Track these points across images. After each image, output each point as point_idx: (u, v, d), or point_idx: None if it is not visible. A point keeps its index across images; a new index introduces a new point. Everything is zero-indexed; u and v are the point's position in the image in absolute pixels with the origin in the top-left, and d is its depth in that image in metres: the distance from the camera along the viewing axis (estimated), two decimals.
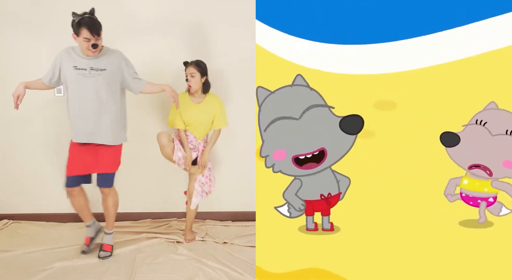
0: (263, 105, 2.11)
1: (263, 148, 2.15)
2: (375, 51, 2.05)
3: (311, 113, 2.11)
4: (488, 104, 2.04)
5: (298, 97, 2.10)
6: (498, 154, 2.08)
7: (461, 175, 2.12)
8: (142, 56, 3.41)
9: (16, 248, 3.08)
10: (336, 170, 2.16)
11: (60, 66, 2.83)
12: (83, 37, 2.66)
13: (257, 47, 2.08)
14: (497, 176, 2.11)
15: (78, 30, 2.66)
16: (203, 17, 3.52)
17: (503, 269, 2.16)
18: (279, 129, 2.13)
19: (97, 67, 2.78)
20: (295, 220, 2.22)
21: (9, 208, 3.69)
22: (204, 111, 3.13)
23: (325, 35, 2.06)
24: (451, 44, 2.02)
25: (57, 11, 3.42)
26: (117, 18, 3.46)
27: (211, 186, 3.28)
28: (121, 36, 3.43)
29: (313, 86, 2.09)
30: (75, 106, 2.82)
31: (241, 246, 3.19)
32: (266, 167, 2.16)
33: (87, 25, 2.65)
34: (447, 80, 2.05)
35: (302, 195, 2.19)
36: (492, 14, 1.98)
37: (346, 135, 2.12)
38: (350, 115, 2.11)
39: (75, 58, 2.80)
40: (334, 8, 2.04)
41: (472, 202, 2.14)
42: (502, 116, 2.05)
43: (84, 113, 2.81)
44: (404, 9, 2.01)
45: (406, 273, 2.20)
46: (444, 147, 2.10)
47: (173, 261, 2.92)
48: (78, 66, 2.78)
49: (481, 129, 2.05)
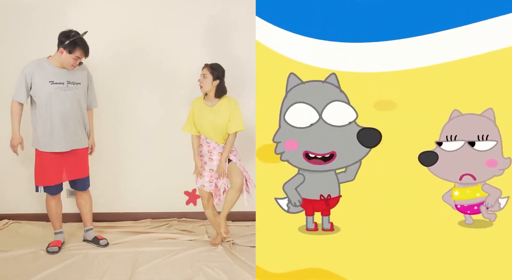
0: (290, 92, 2.11)
1: (278, 134, 2.14)
2: (376, 49, 2.05)
3: (332, 111, 2.11)
4: (451, 112, 2.05)
5: (326, 93, 2.09)
6: (479, 157, 2.08)
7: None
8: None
9: (16, 248, 3.08)
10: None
11: (31, 81, 2.90)
12: (75, 55, 2.87)
13: (257, 43, 2.08)
14: (485, 177, 2.11)
15: (73, 49, 2.86)
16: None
17: (503, 269, 2.16)
18: (298, 119, 2.12)
19: (73, 81, 2.98)
20: (295, 220, 2.21)
21: (9, 208, 3.69)
22: (217, 114, 3.06)
23: (324, 33, 2.05)
24: (452, 43, 2.02)
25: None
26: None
27: (252, 179, 3.11)
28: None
29: (298, 100, 2.09)
30: (55, 119, 2.93)
31: (241, 246, 3.19)
32: (275, 153, 2.15)
33: (83, 46, 2.90)
34: (447, 80, 2.05)
35: (303, 192, 2.19)
36: (495, 14, 1.98)
37: (361, 146, 2.12)
38: (369, 128, 2.10)
39: (49, 72, 2.91)
40: (334, 5, 2.03)
41: (470, 210, 2.13)
42: (469, 121, 2.05)
43: (66, 124, 2.96)
44: (406, 7, 2.01)
45: (406, 273, 2.20)
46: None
47: (173, 261, 2.92)
48: (55, 81, 2.92)
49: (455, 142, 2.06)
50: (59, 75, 2.93)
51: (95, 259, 2.94)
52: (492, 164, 2.08)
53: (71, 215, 3.60)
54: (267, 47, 2.08)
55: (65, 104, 2.93)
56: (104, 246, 3.16)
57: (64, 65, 2.92)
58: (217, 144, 3.11)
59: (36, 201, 3.68)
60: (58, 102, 2.91)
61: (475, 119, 2.06)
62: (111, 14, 3.56)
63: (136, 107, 3.68)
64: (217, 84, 3.05)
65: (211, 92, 3.07)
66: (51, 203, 3.12)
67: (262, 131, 2.15)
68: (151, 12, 3.58)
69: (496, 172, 2.10)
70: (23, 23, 3.51)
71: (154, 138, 3.72)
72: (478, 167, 2.10)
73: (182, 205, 3.51)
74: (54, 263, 2.86)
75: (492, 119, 2.04)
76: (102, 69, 3.52)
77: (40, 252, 3.04)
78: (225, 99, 3.10)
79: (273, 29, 2.07)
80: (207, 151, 3.13)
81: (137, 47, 3.60)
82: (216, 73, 3.03)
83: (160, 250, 3.08)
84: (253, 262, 2.82)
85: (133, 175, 3.73)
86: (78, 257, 2.97)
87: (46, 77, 2.89)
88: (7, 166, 3.66)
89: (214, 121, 3.05)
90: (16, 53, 3.48)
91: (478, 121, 2.06)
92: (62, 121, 2.94)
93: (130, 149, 3.72)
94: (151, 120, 3.70)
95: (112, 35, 3.56)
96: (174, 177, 3.70)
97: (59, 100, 2.91)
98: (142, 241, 3.27)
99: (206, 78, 3.02)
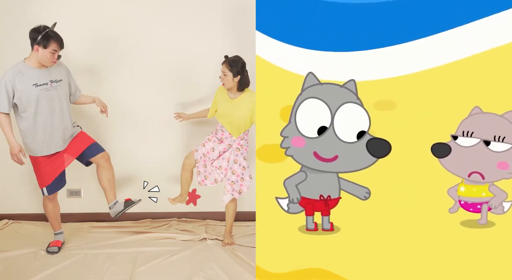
0: (306, 90, 2.09)
1: (286, 129, 2.14)
2: (376, 57, 2.04)
3: (346, 113, 2.09)
4: (472, 109, 2.03)
5: (342, 95, 2.08)
6: (491, 157, 2.07)
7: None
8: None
9: (16, 248, 3.08)
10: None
11: (13, 90, 2.79)
12: (51, 49, 2.78)
13: (257, 58, 2.08)
14: (494, 178, 2.10)
15: (47, 42, 2.76)
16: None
17: (504, 269, 2.16)
18: (309, 120, 2.11)
19: (55, 79, 2.90)
20: (295, 220, 2.21)
21: (9, 208, 3.69)
22: (237, 107, 3.08)
23: (324, 44, 2.05)
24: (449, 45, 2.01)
25: None
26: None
27: (243, 185, 3.17)
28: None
29: (314, 95, 2.09)
30: (45, 122, 2.89)
31: (241, 246, 3.19)
32: (280, 147, 2.15)
33: (56, 38, 2.80)
34: (447, 81, 2.04)
35: (303, 191, 2.19)
36: (488, 13, 1.97)
37: (368, 154, 2.11)
38: (378, 138, 2.09)
39: (30, 75, 2.82)
40: (332, 17, 2.03)
41: (472, 208, 2.13)
42: (488, 120, 2.04)
43: (55, 126, 2.92)
44: (399, 13, 2.01)
45: (406, 273, 2.20)
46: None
47: (173, 261, 2.92)
48: (39, 83, 2.83)
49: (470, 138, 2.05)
50: (41, 76, 2.83)
51: (95, 259, 2.94)
52: (503, 166, 2.07)
53: (71, 215, 3.59)
54: (267, 61, 2.08)
55: (53, 103, 2.88)
56: (138, 201, 3.14)
57: (43, 63, 2.82)
58: (230, 135, 3.14)
59: (36, 201, 3.67)
60: (46, 104, 2.86)
61: (494, 119, 2.04)
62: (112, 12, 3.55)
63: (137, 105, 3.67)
64: (239, 79, 3.04)
65: (234, 88, 3.09)
66: (49, 205, 3.12)
67: (262, 131, 2.15)
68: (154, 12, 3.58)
69: (506, 175, 2.08)
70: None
71: (154, 138, 3.72)
72: (488, 167, 2.08)
73: (182, 205, 3.50)
74: (54, 263, 2.86)
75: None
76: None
77: (40, 252, 3.04)
78: (246, 93, 3.11)
79: (274, 43, 2.06)
80: (219, 138, 3.17)
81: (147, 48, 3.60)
82: (235, 70, 2.99)
83: (160, 250, 3.08)
84: (253, 262, 2.82)
85: (133, 175, 3.73)
86: (78, 257, 2.97)
87: (29, 81, 2.80)
88: (6, 166, 3.66)
89: (233, 113, 3.08)
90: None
91: (497, 122, 2.04)
92: (53, 122, 2.90)
93: (130, 149, 3.71)
94: (151, 120, 3.70)
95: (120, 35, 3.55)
96: (174, 177, 3.69)
97: (47, 102, 2.85)
98: (142, 241, 3.27)
99: (226, 76, 3.01)
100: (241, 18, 3.53)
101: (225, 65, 3.01)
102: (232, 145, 3.15)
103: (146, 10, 3.53)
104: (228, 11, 3.59)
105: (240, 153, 3.15)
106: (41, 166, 2.98)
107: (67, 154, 3.02)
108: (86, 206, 3.70)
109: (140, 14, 3.54)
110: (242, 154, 3.16)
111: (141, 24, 3.54)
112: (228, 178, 3.16)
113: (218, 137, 3.19)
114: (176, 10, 3.56)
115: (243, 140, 3.16)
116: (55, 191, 3.10)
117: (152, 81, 3.63)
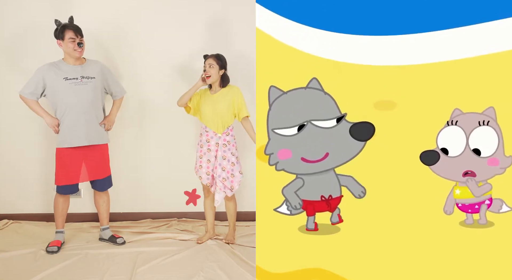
0: (274, 105, 2.10)
1: (268, 146, 2.14)
2: (379, 43, 2.01)
3: (319, 111, 2.09)
4: (453, 111, 2.04)
5: (310, 100, 2.08)
6: (481, 159, 2.07)
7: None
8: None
9: (16, 248, 3.08)
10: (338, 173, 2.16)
11: (44, 81, 2.99)
12: (68, 37, 2.92)
13: (257, 30, 2.06)
14: (487, 176, 2.10)
15: (62, 34, 2.93)
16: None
17: (504, 269, 2.16)
18: (286, 125, 2.11)
19: (87, 75, 3.03)
20: (295, 220, 2.21)
21: (9, 208, 3.69)
22: (218, 100, 3.10)
23: (326, 23, 2.02)
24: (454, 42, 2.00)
25: None
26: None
27: (234, 181, 3.16)
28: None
29: (312, 74, 2.07)
30: (71, 113, 3.00)
31: (241, 246, 3.19)
32: (269, 165, 2.15)
33: (71, 26, 2.96)
34: (448, 79, 2.04)
35: (303, 195, 2.18)
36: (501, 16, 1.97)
37: (354, 141, 2.11)
38: (361, 122, 2.09)
39: (63, 70, 3.00)
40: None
41: (471, 209, 2.13)
42: (469, 117, 2.05)
43: (83, 118, 3.01)
44: (415, 2, 1.98)
45: (406, 273, 2.20)
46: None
47: (173, 261, 2.92)
48: (69, 77, 2.99)
49: (455, 128, 2.05)
50: (73, 72, 3.01)
51: (95, 259, 2.94)
52: (494, 162, 2.08)
53: (72, 215, 3.59)
54: (267, 34, 2.05)
55: (81, 97, 2.99)
56: (121, 244, 3.18)
57: (70, 55, 2.99)
58: (214, 134, 3.13)
59: (36, 201, 3.68)
60: (74, 96, 2.98)
61: (476, 117, 2.05)
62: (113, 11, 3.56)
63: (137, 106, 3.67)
64: (223, 73, 3.11)
65: (216, 83, 3.11)
66: (59, 200, 3.16)
67: (262, 131, 2.15)
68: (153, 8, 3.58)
69: (498, 170, 2.09)
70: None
71: (153, 138, 3.72)
72: (480, 166, 2.09)
73: (182, 205, 3.51)
74: (54, 263, 2.86)
75: (493, 117, 2.04)
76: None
77: (40, 252, 3.04)
78: (227, 88, 3.15)
79: (274, 17, 2.04)
80: (206, 140, 3.15)
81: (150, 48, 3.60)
82: (221, 63, 3.09)
83: (160, 250, 3.08)
84: (253, 262, 2.82)
85: (133, 175, 3.73)
86: (78, 257, 2.96)
87: (61, 75, 2.98)
88: (6, 167, 3.66)
89: (214, 107, 3.09)
90: None
91: (479, 119, 2.06)
92: (78, 115, 3.00)
93: (130, 150, 3.72)
94: (151, 121, 3.70)
95: None
96: (174, 177, 3.70)
97: (74, 94, 2.98)
98: (142, 241, 3.27)
99: (212, 68, 3.06)
100: (242, 18, 3.54)
101: (213, 58, 3.08)
102: (218, 143, 3.14)
103: (149, 9, 3.55)
104: (230, 11, 3.60)
105: (227, 149, 3.14)
106: (61, 161, 3.05)
107: (83, 173, 3.09)
108: (86, 206, 3.70)
109: (143, 14, 3.55)
110: (229, 150, 3.15)
111: (146, 24, 3.56)
112: (219, 175, 3.14)
113: (204, 142, 3.16)
114: (177, 9, 3.57)
115: (229, 136, 3.16)
116: (64, 194, 3.15)
117: (152, 81, 3.64)
